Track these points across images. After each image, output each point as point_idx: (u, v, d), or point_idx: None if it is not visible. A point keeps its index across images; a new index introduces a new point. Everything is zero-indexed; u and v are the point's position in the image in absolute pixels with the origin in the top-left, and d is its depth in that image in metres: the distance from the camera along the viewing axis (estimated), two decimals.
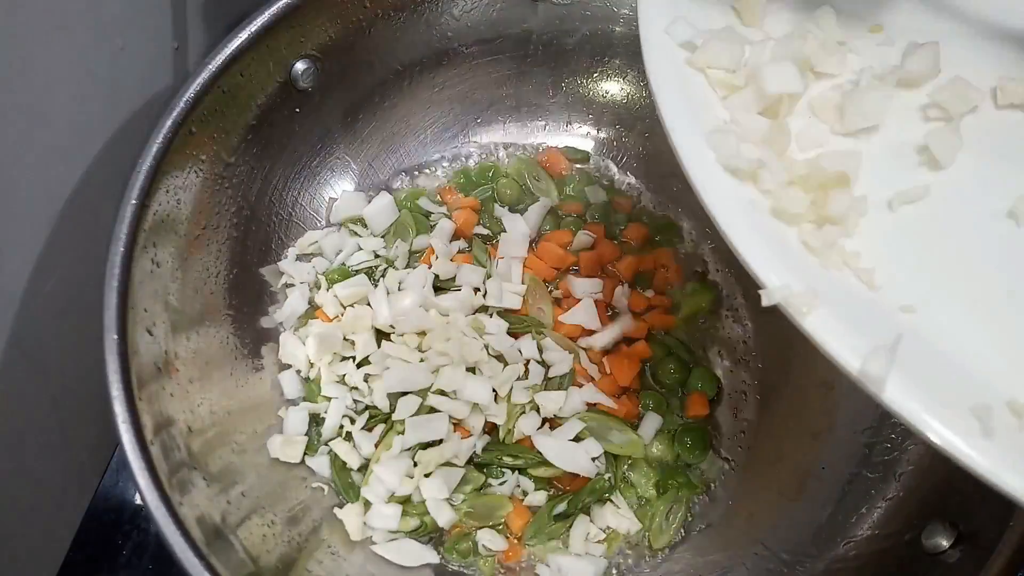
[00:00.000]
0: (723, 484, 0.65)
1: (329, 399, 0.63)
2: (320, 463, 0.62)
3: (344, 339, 0.65)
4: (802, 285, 0.29)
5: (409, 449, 0.61)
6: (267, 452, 0.60)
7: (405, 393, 0.62)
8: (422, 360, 0.63)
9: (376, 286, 0.68)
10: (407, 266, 0.70)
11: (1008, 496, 0.26)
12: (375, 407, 0.63)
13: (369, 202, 0.71)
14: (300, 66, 0.63)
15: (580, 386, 0.65)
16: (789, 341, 0.68)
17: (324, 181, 0.71)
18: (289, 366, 0.65)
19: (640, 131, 0.77)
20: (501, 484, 0.62)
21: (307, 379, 0.65)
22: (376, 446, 0.62)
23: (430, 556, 0.60)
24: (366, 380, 0.64)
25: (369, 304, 0.66)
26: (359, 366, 0.64)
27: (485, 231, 0.72)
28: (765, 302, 0.30)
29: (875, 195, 0.33)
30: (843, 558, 0.54)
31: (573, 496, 0.62)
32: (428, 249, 0.70)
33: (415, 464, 0.61)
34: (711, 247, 0.74)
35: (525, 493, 0.63)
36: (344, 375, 0.64)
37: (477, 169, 0.76)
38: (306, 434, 0.62)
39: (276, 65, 0.61)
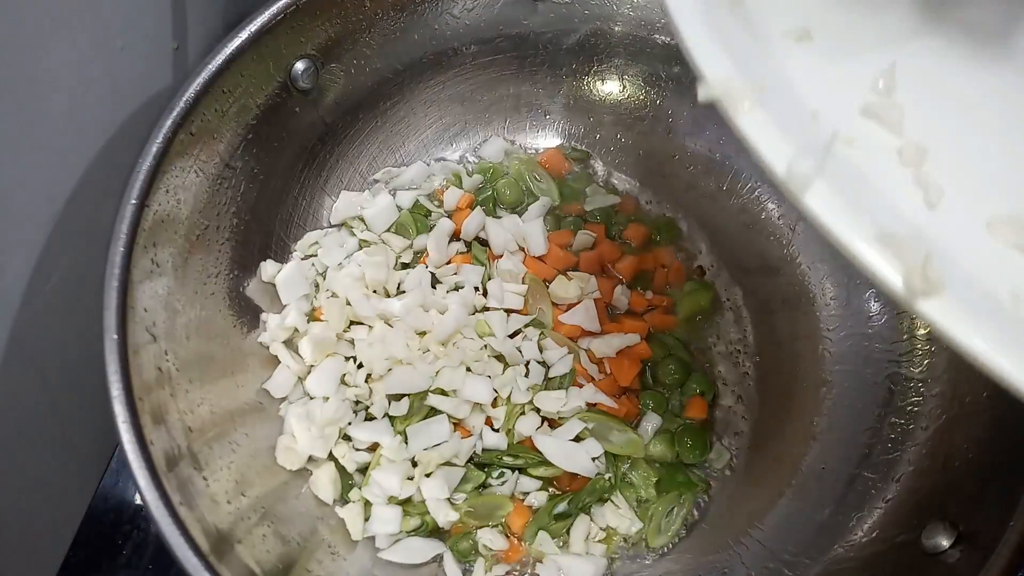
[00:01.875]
0: (723, 484, 0.65)
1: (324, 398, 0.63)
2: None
3: (343, 340, 0.65)
4: (745, 82, 0.28)
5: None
6: (267, 452, 0.60)
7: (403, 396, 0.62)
8: (426, 358, 0.63)
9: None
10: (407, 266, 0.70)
11: (884, 292, 0.25)
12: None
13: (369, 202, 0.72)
14: (300, 66, 0.63)
15: (580, 386, 0.65)
16: (789, 341, 0.68)
17: (324, 181, 0.71)
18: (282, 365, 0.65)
19: (640, 131, 0.77)
20: (501, 484, 0.62)
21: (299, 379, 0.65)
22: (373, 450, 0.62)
23: (437, 548, 0.60)
24: (367, 381, 0.64)
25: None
26: (359, 366, 0.64)
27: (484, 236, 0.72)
28: (702, 96, 0.28)
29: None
30: (843, 558, 0.54)
31: (573, 496, 0.62)
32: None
33: (414, 465, 0.61)
34: (710, 247, 0.74)
35: (525, 493, 0.63)
36: (344, 375, 0.64)
37: (477, 169, 0.76)
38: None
39: (276, 65, 0.61)
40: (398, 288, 0.68)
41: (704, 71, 0.28)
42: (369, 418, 0.63)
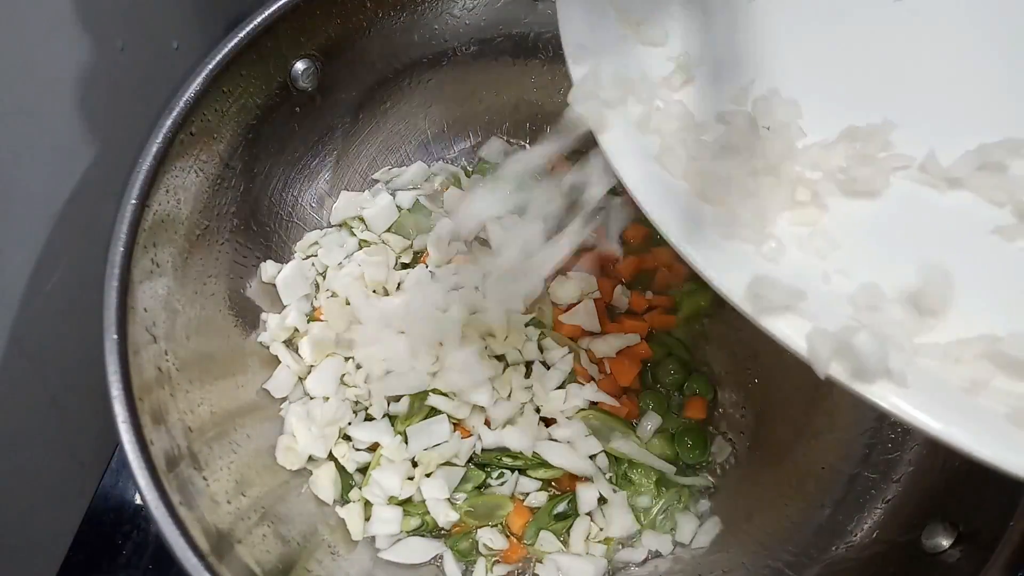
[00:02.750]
0: (723, 484, 0.65)
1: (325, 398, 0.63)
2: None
3: (343, 340, 0.65)
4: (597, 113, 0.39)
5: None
6: (267, 452, 0.60)
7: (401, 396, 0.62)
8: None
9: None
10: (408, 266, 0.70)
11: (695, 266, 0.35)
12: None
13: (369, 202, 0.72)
14: (300, 66, 0.63)
15: (581, 386, 0.65)
16: None
17: (324, 181, 0.71)
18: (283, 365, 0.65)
19: None
20: (501, 484, 0.62)
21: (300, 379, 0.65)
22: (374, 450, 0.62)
23: (437, 548, 0.60)
24: (366, 381, 0.64)
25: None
26: (359, 367, 0.64)
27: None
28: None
29: None
30: (843, 558, 0.54)
31: (573, 496, 0.62)
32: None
33: (415, 465, 0.61)
34: None
35: (525, 493, 0.63)
36: (344, 375, 0.64)
37: (477, 169, 0.76)
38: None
39: (276, 65, 0.61)
40: (398, 288, 0.68)
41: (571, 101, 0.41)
42: (369, 418, 0.63)
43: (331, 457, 0.62)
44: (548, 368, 0.65)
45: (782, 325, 0.33)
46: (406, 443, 0.61)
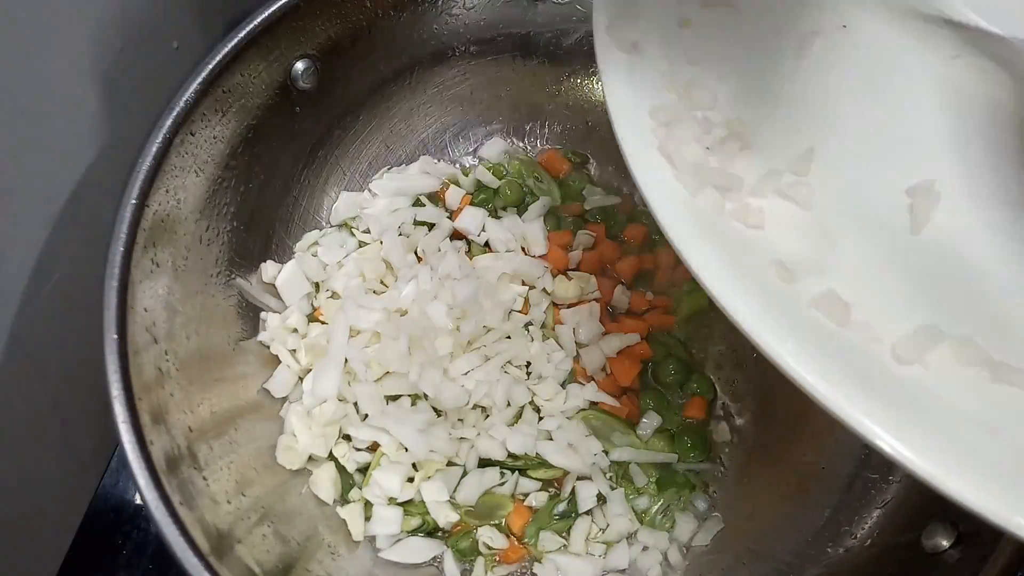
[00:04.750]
0: (723, 484, 0.65)
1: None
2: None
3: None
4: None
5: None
6: (267, 451, 0.60)
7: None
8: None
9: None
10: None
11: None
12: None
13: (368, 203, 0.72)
14: (300, 66, 0.63)
15: (581, 385, 0.65)
16: None
17: (324, 181, 0.71)
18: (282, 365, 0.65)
19: None
20: (501, 484, 0.62)
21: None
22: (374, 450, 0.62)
23: (438, 548, 0.60)
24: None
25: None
26: None
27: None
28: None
29: None
30: (843, 558, 0.54)
31: (573, 495, 0.62)
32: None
33: (415, 467, 0.61)
34: None
35: (526, 494, 0.63)
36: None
37: (477, 169, 0.76)
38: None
39: (276, 65, 0.61)
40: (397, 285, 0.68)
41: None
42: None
43: (331, 457, 0.62)
44: (548, 367, 0.65)
45: None
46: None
